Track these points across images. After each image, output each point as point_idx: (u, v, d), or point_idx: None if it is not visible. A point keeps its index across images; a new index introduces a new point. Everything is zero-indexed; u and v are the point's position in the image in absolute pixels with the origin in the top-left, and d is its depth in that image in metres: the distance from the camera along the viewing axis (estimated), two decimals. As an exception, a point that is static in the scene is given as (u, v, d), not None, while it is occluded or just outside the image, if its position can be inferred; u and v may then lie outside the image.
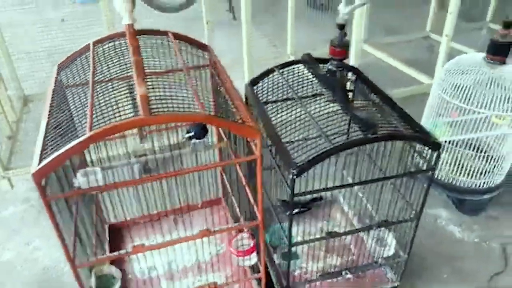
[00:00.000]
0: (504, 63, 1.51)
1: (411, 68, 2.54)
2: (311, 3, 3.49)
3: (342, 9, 1.02)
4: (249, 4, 1.85)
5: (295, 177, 0.97)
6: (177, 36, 1.28)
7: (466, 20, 3.06)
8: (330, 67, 1.13)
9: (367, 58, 2.76)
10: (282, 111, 1.28)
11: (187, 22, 3.42)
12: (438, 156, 1.05)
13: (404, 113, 1.14)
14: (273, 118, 1.26)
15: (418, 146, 1.10)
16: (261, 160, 0.94)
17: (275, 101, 1.33)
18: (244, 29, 1.93)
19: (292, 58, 2.72)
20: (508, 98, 1.49)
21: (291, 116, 1.23)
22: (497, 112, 1.50)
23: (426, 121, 1.73)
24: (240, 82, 2.26)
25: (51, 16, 3.67)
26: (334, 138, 1.04)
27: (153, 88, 1.22)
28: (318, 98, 1.23)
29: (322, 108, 1.20)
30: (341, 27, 1.06)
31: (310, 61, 1.27)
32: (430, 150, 1.04)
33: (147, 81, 1.16)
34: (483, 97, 1.50)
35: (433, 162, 1.06)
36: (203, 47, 1.32)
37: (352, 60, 2.07)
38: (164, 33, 1.28)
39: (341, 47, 1.09)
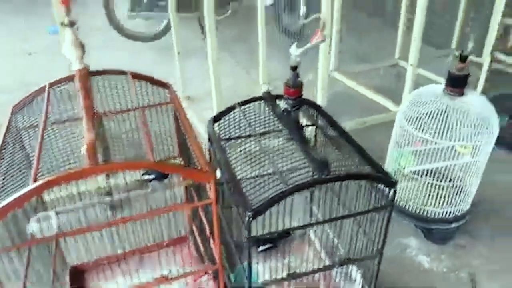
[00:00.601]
0: (462, 94, 1.55)
1: (380, 95, 2.58)
2: (283, 30, 3.55)
3: (293, 51, 1.04)
4: (214, 36, 1.86)
5: (251, 219, 0.96)
6: (136, 76, 1.27)
7: (433, 47, 3.16)
8: (285, 106, 1.13)
9: (337, 86, 2.81)
10: (243, 148, 1.28)
11: (161, 51, 3.44)
12: (394, 194, 1.05)
13: (362, 150, 1.15)
14: (233, 155, 1.25)
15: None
16: (216, 203, 0.92)
17: (237, 137, 1.32)
18: (210, 61, 1.92)
19: (264, 87, 2.73)
20: (467, 128, 1.53)
21: (251, 153, 1.23)
22: (457, 142, 1.53)
23: (392, 150, 1.75)
24: (210, 112, 2.26)
25: (22, 48, 3.65)
26: (299, 175, 1.04)
27: (103, 134, 1.20)
28: (278, 135, 1.24)
29: (284, 145, 1.20)
30: (294, 68, 1.07)
31: (270, 99, 1.28)
32: (386, 188, 1.05)
33: (99, 125, 1.14)
34: (443, 127, 1.53)
35: (389, 200, 1.06)
36: (163, 85, 1.32)
37: (319, 92, 2.09)
38: (123, 72, 1.27)
39: (295, 87, 1.10)
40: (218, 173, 1.23)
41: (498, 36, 2.44)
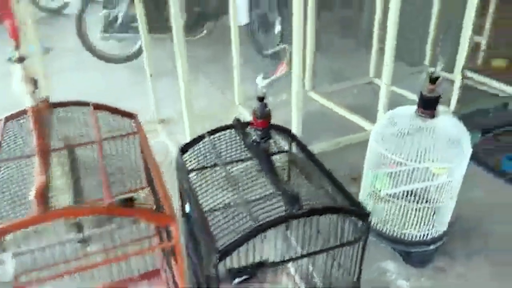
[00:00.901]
0: (434, 116, 1.55)
1: (356, 115, 2.58)
2: (258, 50, 3.55)
3: (259, 82, 1.01)
4: (184, 58, 1.81)
5: (218, 261, 0.91)
6: (99, 107, 1.21)
7: (408, 64, 3.20)
8: (254, 137, 1.10)
9: (313, 106, 2.80)
10: (213, 179, 1.23)
11: (135, 71, 3.38)
12: (368, 226, 1.02)
13: (335, 180, 1.12)
14: (203, 187, 1.21)
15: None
16: (179, 247, 0.87)
17: (207, 167, 1.28)
18: (181, 83, 1.87)
19: (240, 107, 2.71)
20: (441, 149, 1.52)
21: (220, 184, 1.19)
22: (430, 163, 1.52)
23: (367, 172, 1.73)
24: (182, 136, 2.20)
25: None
26: (270, 210, 1.00)
27: (73, 165, 1.14)
28: (248, 165, 1.20)
29: (255, 176, 1.16)
30: (261, 99, 1.04)
31: (240, 127, 1.25)
32: (359, 221, 1.02)
33: (70, 155, 1.08)
34: (416, 149, 1.52)
35: (363, 232, 1.03)
36: (128, 115, 1.27)
37: (294, 112, 2.07)
38: (85, 103, 1.22)
39: (263, 117, 1.07)
40: (188, 207, 1.18)
41: (468, 53, 2.49)
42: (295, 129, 2.13)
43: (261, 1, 3.48)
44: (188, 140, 1.91)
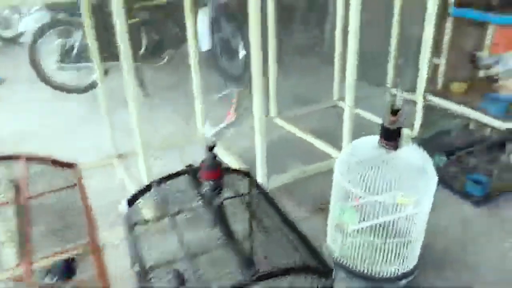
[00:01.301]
0: (397, 148, 1.50)
1: (321, 140, 2.53)
2: (223, 76, 3.49)
3: (207, 132, 0.93)
4: (132, 85, 1.68)
5: None
6: (32, 158, 1.09)
7: (375, 85, 3.19)
8: (205, 190, 1.01)
9: (279, 132, 2.73)
10: (161, 232, 1.12)
11: (94, 100, 3.22)
12: (332, 282, 0.94)
13: (296, 230, 1.04)
14: (151, 240, 1.10)
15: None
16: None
17: (156, 219, 1.17)
18: (134, 117, 1.75)
19: (203, 137, 2.60)
20: (406, 180, 1.48)
21: (167, 238, 1.08)
22: (396, 195, 1.47)
23: (334, 205, 1.67)
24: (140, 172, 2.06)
25: None
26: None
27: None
28: (201, 216, 1.10)
29: (206, 229, 1.07)
30: (210, 149, 0.95)
31: (193, 173, 1.15)
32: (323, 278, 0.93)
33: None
34: (381, 181, 1.47)
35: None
36: (68, 166, 1.15)
37: (257, 137, 1.97)
38: (15, 157, 1.09)
39: (213, 169, 0.98)
40: (136, 266, 1.07)
41: (429, 76, 2.50)
42: (260, 156, 2.04)
43: (222, 26, 3.43)
44: (144, 179, 1.79)
